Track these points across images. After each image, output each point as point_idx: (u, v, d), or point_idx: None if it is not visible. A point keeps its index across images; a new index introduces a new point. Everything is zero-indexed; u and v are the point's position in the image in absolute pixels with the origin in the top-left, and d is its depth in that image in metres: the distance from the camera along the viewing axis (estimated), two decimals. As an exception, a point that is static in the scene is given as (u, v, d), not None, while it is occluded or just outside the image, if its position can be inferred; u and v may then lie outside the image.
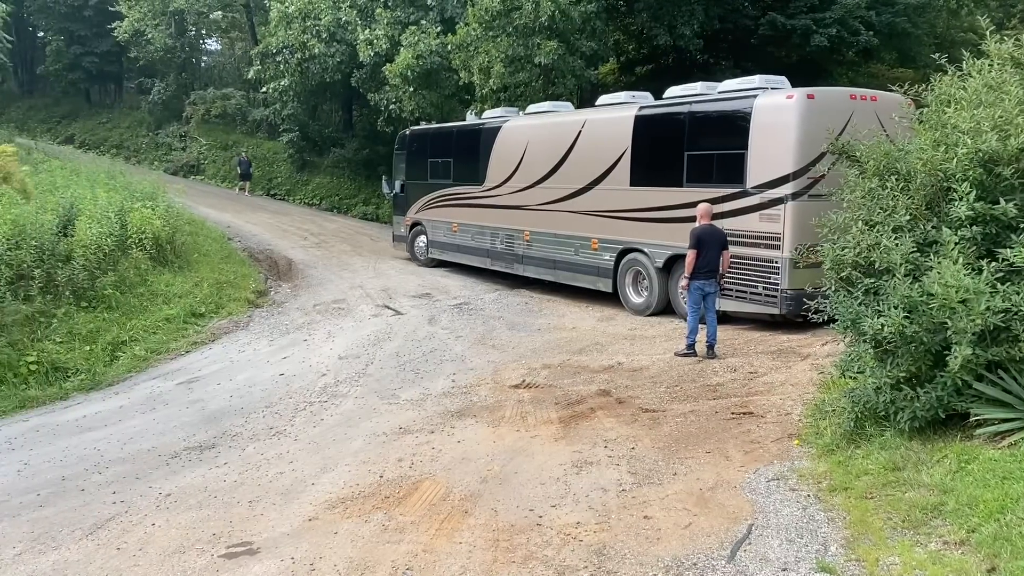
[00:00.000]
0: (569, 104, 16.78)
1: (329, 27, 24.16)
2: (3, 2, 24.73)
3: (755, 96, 11.73)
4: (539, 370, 10.73)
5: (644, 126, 13.36)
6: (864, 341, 6.71)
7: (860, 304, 6.73)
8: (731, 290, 11.85)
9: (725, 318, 11.93)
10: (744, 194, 11.62)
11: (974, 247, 6.38)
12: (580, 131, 14.46)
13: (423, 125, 20.83)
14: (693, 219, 11.52)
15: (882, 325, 6.26)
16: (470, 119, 18.48)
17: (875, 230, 6.92)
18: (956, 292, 5.88)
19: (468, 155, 17.40)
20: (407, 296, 15.69)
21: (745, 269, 11.67)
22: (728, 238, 11.11)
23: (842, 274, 7.10)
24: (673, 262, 12.78)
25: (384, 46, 21.95)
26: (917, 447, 6.44)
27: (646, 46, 25.35)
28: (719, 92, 12.67)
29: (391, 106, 22.44)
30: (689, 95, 13.09)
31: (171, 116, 37.82)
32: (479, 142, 17.04)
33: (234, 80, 38.05)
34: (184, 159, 35.65)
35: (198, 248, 17.87)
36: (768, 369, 10.12)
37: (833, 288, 7.23)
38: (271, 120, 31.85)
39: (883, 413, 6.78)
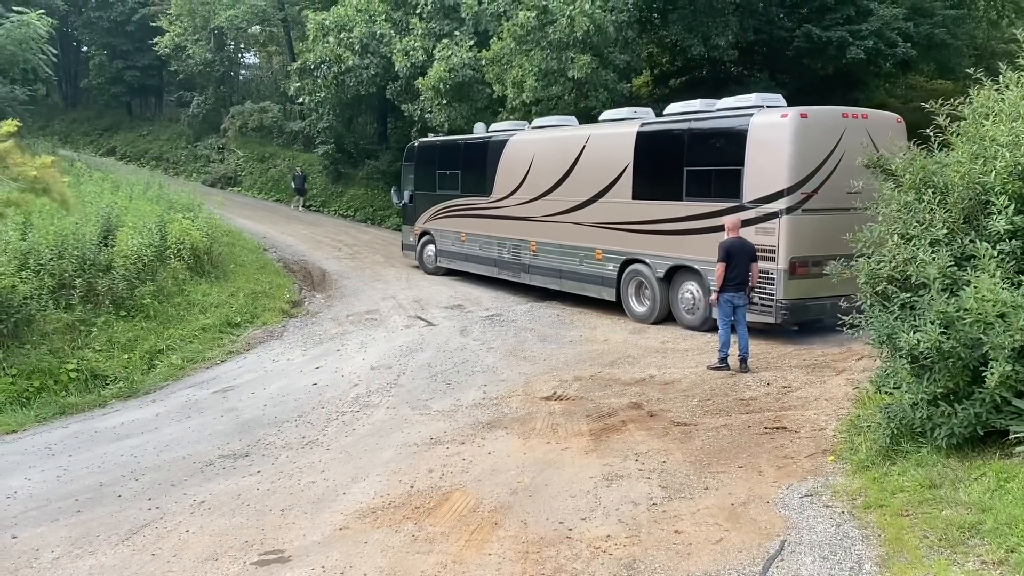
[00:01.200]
0: (574, 119, 17.12)
1: (362, 39, 24.43)
2: (48, 17, 25.33)
3: (751, 114, 12.13)
4: (570, 382, 10.72)
5: (645, 142, 13.79)
6: (900, 356, 6.61)
7: (896, 319, 6.64)
8: None
9: (715, 327, 12.01)
10: (741, 208, 11.91)
11: (1013, 261, 6.28)
12: (584, 146, 14.87)
13: (431, 137, 21.27)
14: (692, 231, 12.56)
15: (918, 340, 6.17)
16: (479, 131, 18.78)
17: (911, 244, 6.84)
18: (994, 307, 5.78)
19: (476, 167, 17.80)
20: (439, 307, 15.77)
21: None
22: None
23: (877, 288, 7.01)
24: (673, 272, 13.26)
25: (420, 57, 22.15)
26: (955, 464, 6.33)
27: (680, 58, 25.31)
28: (717, 109, 13.02)
29: (425, 115, 22.63)
30: (689, 112, 13.50)
31: (209, 129, 38.45)
32: (487, 155, 17.43)
33: (271, 93, 38.59)
34: (222, 171, 36.20)
35: (234, 259, 18.12)
36: (802, 383, 10.01)
37: (868, 303, 7.14)
38: (307, 132, 32.23)
39: (920, 429, 6.68)
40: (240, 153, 35.99)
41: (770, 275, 11.59)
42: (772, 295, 11.65)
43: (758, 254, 11.14)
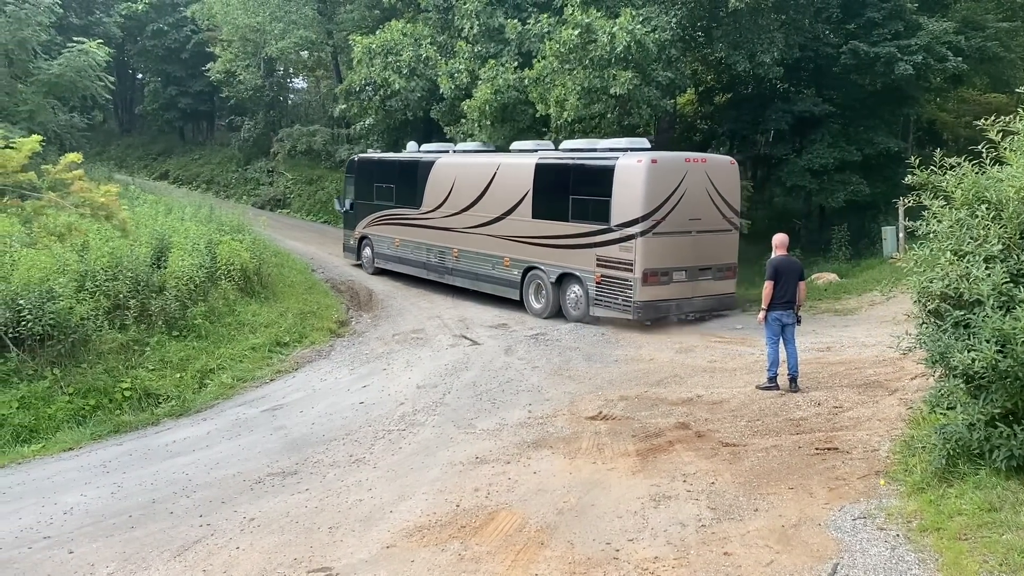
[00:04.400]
0: (492, 144, 20.26)
1: (409, 63, 24.76)
2: (106, 46, 26.18)
3: (618, 157, 14.98)
4: (616, 401, 10.66)
5: (542, 171, 16.52)
6: (954, 376, 6.46)
7: (949, 337, 6.50)
8: (601, 300, 15.12)
9: (594, 320, 15.31)
10: (609, 230, 14.90)
11: (1073, 278, 6.11)
12: (496, 172, 17.51)
13: (370, 153, 23.96)
14: (575, 246, 15.50)
15: (973, 359, 6.03)
16: (411, 149, 21.26)
17: (964, 260, 6.69)
18: (1053, 325, 5.63)
19: (408, 183, 20.20)
20: (483, 326, 15.82)
21: (611, 285, 14.95)
22: (598, 263, 14.96)
23: (930, 306, 6.87)
24: (563, 278, 16.02)
25: (465, 80, 22.38)
26: (1015, 487, 6.15)
27: (725, 75, 25.17)
28: (597, 150, 15.87)
29: (467, 137, 22.82)
30: (577, 149, 16.41)
31: (259, 152, 39.19)
32: (417, 172, 19.86)
33: (319, 117, 39.24)
34: (271, 193, 36.82)
35: (283, 279, 18.40)
36: (854, 403, 9.82)
37: (921, 321, 7.00)
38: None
39: (977, 451, 6.51)
40: (289, 176, 36.58)
41: (628, 282, 14.56)
42: (630, 297, 14.55)
43: (621, 266, 14.27)
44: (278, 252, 21.17)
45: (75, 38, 25.94)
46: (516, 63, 21.26)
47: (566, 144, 17.03)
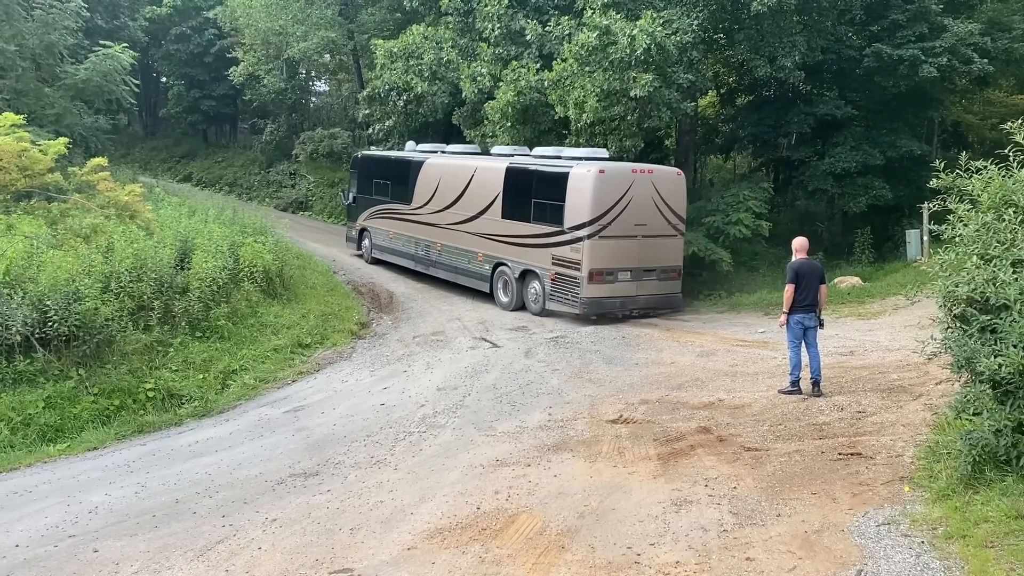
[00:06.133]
0: (477, 147, 21.65)
1: (431, 66, 24.82)
2: (131, 50, 26.44)
3: (572, 167, 16.29)
4: (637, 405, 10.62)
5: (511, 175, 17.76)
6: (980, 381, 6.39)
7: (976, 342, 6.43)
8: (554, 295, 16.36)
9: (549, 313, 16.47)
10: (563, 232, 16.16)
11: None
12: (473, 174, 18.78)
13: (373, 151, 25.38)
14: (535, 245, 16.74)
15: (1000, 364, 5.96)
16: (409, 148, 22.46)
17: (991, 264, 6.61)
18: (1083, 330, 5.56)
19: (401, 180, 21.55)
20: (503, 329, 15.82)
21: (563, 282, 16.20)
22: (553, 261, 16.24)
23: (955, 311, 6.80)
24: (525, 274, 17.25)
25: (487, 83, 22.40)
26: (1043, 494, 6.07)
27: (747, 77, 25.03)
28: (563, 157, 17.25)
29: (487, 140, 22.84)
30: (541, 157, 17.83)
31: (281, 155, 39.42)
32: (409, 170, 21.18)
33: (341, 120, 39.42)
34: (293, 196, 37.01)
35: (305, 281, 18.50)
36: (878, 408, 9.73)
37: (946, 325, 6.93)
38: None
39: (1004, 457, 6.44)
40: (311, 178, 36.76)
41: (577, 280, 15.86)
42: (578, 294, 15.84)
43: (571, 265, 15.75)
44: (300, 254, 21.30)
45: (101, 42, 26.20)
46: (537, 65, 21.24)
47: (537, 151, 18.45)
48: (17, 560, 6.98)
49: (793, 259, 10.83)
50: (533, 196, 17.00)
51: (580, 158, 16.79)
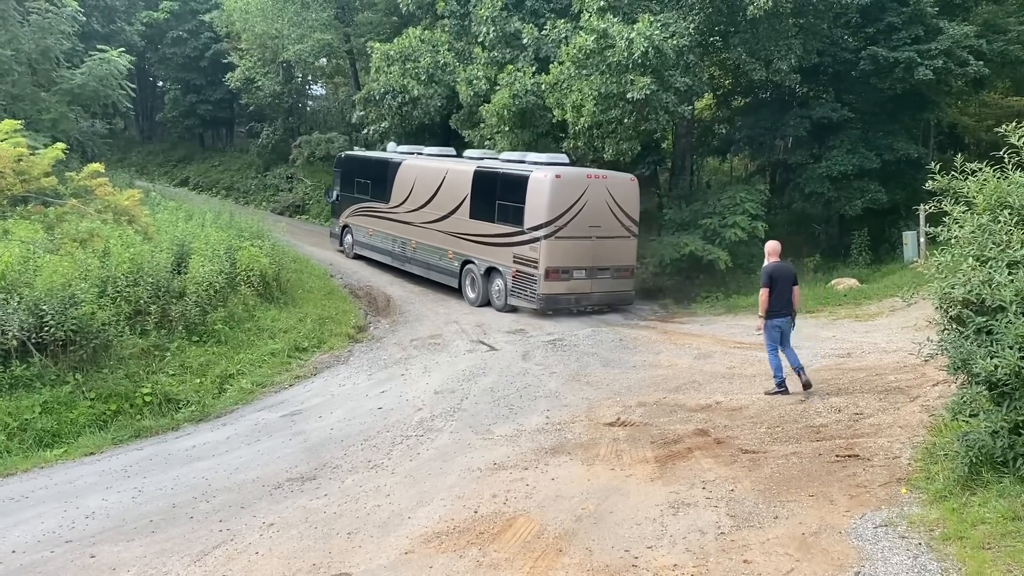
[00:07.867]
0: (452, 149, 22.48)
1: (427, 69, 24.83)
2: (128, 54, 26.38)
3: (531, 171, 17.29)
4: (634, 408, 10.62)
5: (478, 178, 18.68)
6: (977, 382, 6.40)
7: (972, 343, 6.43)
8: (515, 291, 17.32)
9: (511, 309, 17.47)
10: (523, 232, 17.12)
11: (1097, 283, 6.03)
12: (445, 176, 19.68)
13: (355, 151, 26.36)
14: (499, 244, 17.65)
15: (996, 366, 5.97)
16: (391, 149, 23.36)
17: (987, 266, 6.63)
18: (1078, 331, 5.56)
19: (380, 179, 22.44)
20: (501, 332, 15.82)
21: (523, 279, 17.16)
22: (514, 260, 17.21)
23: (952, 312, 6.80)
24: (490, 271, 18.17)
25: (483, 86, 22.42)
26: (1040, 496, 6.08)
27: (743, 79, 25.06)
28: (526, 161, 18.15)
29: (485, 143, 22.86)
30: (508, 160, 18.82)
31: (278, 159, 39.39)
32: (387, 170, 22.08)
33: (338, 123, 39.40)
34: (290, 199, 36.98)
35: (302, 285, 18.48)
36: (875, 410, 9.74)
37: (942, 327, 6.94)
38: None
39: (1001, 459, 6.45)
40: (308, 182, 36.72)
41: (534, 277, 16.89)
42: (536, 290, 16.86)
43: (530, 264, 16.77)
44: (297, 258, 21.28)
45: (97, 46, 26.15)
46: (533, 68, 21.26)
47: (504, 155, 19.57)
48: (14, 565, 6.97)
49: (766, 263, 10.93)
50: (497, 198, 17.92)
51: (541, 163, 17.73)
